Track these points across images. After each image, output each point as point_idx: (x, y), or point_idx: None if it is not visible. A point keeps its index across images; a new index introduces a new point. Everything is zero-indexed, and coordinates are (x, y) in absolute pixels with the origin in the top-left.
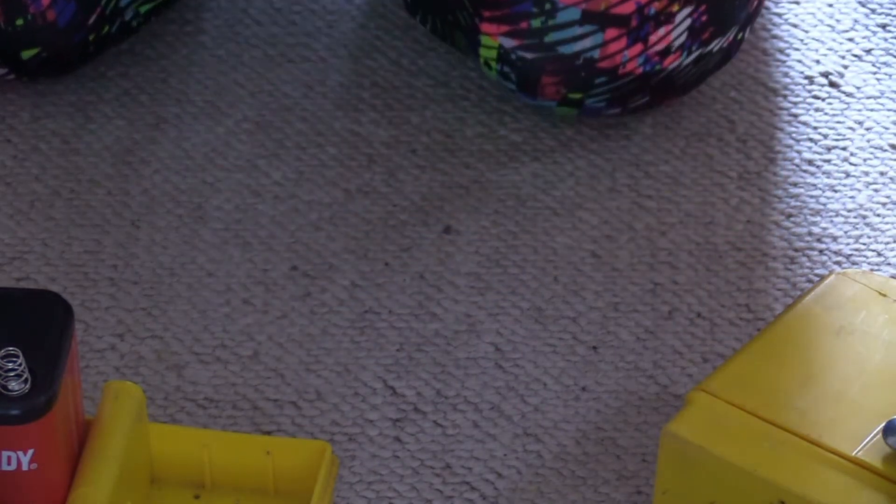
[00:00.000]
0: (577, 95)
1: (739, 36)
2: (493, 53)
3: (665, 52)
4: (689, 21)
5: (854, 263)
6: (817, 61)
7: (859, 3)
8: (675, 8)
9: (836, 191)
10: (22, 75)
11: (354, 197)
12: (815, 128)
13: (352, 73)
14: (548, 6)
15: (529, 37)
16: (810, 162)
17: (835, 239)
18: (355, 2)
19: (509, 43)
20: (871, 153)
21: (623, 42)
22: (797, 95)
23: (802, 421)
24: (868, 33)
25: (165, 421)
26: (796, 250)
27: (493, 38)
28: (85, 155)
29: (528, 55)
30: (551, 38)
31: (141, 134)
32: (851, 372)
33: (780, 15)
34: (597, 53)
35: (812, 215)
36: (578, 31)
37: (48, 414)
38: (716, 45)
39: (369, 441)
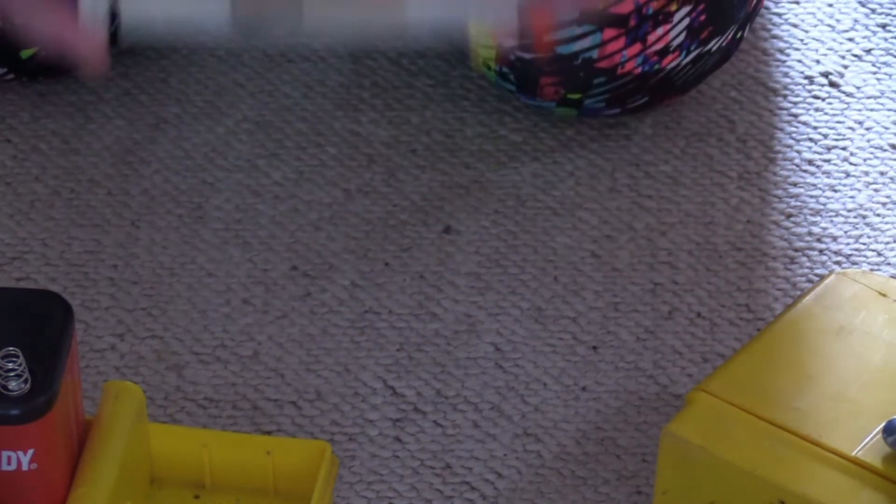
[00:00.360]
0: (576, 96)
1: (738, 35)
2: (492, 54)
3: (663, 52)
4: (687, 20)
5: (854, 263)
6: (817, 61)
7: (859, 3)
8: (674, 7)
9: (836, 191)
10: (21, 75)
11: (354, 197)
12: (815, 128)
13: (352, 73)
14: None
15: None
16: (810, 162)
17: (835, 239)
18: None
19: (508, 43)
20: (871, 153)
21: (621, 42)
22: (797, 95)
23: (802, 421)
24: (868, 33)
25: (165, 421)
26: (796, 250)
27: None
28: (85, 155)
29: (527, 55)
30: (550, 38)
31: (141, 134)
32: (851, 372)
33: (780, 15)
34: (595, 53)
35: (812, 215)
36: (577, 31)
37: (48, 414)
38: (714, 45)
39: (369, 441)
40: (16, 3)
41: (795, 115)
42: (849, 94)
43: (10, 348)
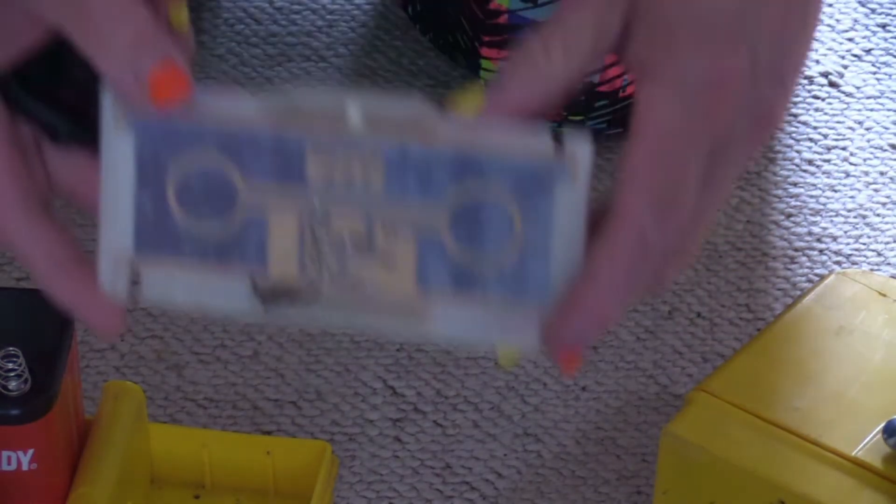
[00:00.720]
0: (578, 118)
1: None
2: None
3: None
4: None
5: (854, 263)
6: (817, 61)
7: (859, 3)
8: None
9: (836, 191)
10: None
11: None
12: (815, 128)
13: (352, 73)
14: None
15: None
16: (810, 162)
17: (835, 239)
18: (355, 1)
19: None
20: (871, 153)
21: (623, 67)
22: (797, 95)
23: (802, 421)
24: (868, 33)
25: (165, 421)
26: (796, 250)
27: (494, 63)
28: None
29: None
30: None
31: None
32: (851, 372)
33: None
34: (597, 78)
35: (812, 215)
36: None
37: (48, 414)
38: None
39: (369, 441)
40: (36, 268)
41: (795, 115)
42: (848, 94)
43: (10, 348)
